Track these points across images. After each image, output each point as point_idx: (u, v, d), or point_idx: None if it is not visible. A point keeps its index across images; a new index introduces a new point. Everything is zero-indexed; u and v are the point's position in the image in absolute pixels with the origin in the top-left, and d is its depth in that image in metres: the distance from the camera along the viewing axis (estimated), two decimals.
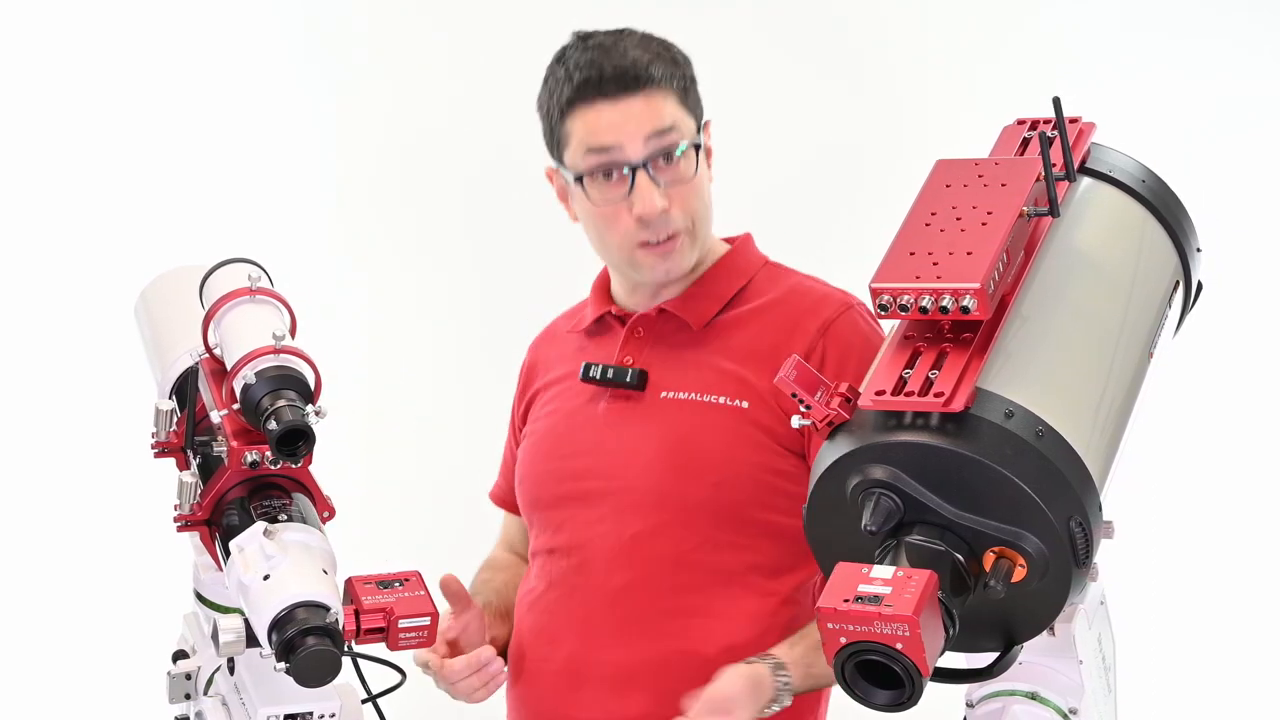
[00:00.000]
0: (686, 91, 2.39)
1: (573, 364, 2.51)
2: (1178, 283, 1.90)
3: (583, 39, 2.40)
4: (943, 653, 1.64)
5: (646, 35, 2.41)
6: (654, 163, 2.34)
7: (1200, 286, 1.95)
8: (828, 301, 2.45)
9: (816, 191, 4.05)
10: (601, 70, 2.33)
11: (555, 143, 2.40)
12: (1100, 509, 1.68)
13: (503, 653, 2.51)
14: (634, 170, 2.33)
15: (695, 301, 2.46)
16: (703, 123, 2.42)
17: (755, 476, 2.39)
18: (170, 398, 2.00)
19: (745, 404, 2.39)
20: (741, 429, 2.39)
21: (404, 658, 1.90)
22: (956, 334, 1.71)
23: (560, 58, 2.41)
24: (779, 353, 2.37)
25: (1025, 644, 1.75)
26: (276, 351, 1.83)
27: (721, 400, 2.40)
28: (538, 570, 2.50)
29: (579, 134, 2.35)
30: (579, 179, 2.36)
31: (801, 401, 1.72)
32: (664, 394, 2.42)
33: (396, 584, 1.82)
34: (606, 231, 2.38)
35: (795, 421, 1.73)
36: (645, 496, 2.40)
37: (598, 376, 2.44)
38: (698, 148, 2.37)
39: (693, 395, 2.41)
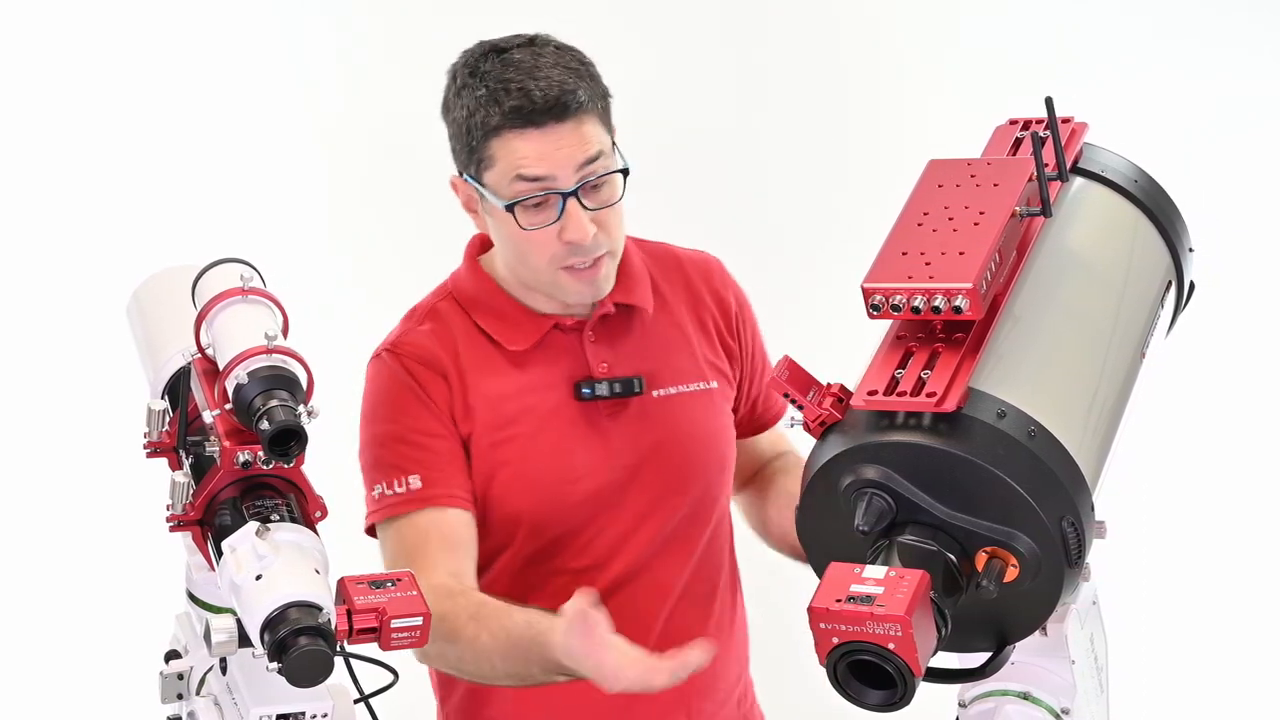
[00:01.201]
0: (606, 110, 2.35)
1: (525, 380, 2.40)
2: (1170, 283, 1.90)
3: (496, 52, 2.33)
4: (935, 653, 1.64)
5: (559, 47, 2.34)
6: (582, 189, 2.31)
7: (1193, 286, 1.96)
8: (706, 262, 2.50)
9: (811, 190, 4.04)
10: (531, 98, 2.26)
11: (475, 160, 2.32)
12: (1092, 509, 1.68)
13: None
14: (564, 198, 2.31)
15: (633, 284, 2.42)
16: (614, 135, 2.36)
17: (733, 454, 2.45)
18: (163, 398, 2.00)
19: (715, 384, 2.42)
20: (723, 409, 2.44)
21: (396, 658, 1.89)
22: (949, 334, 1.71)
23: (474, 71, 2.33)
24: (705, 322, 2.44)
25: (1017, 644, 1.76)
26: (269, 351, 1.82)
27: (701, 386, 2.42)
28: (562, 591, 2.41)
29: (507, 160, 2.28)
30: (509, 207, 2.31)
31: (794, 402, 1.72)
32: (655, 392, 2.41)
33: (389, 584, 1.81)
34: (531, 255, 2.32)
35: (789, 421, 1.74)
36: (674, 497, 2.41)
37: (606, 393, 2.40)
38: (625, 173, 2.34)
39: (681, 388, 2.41)
